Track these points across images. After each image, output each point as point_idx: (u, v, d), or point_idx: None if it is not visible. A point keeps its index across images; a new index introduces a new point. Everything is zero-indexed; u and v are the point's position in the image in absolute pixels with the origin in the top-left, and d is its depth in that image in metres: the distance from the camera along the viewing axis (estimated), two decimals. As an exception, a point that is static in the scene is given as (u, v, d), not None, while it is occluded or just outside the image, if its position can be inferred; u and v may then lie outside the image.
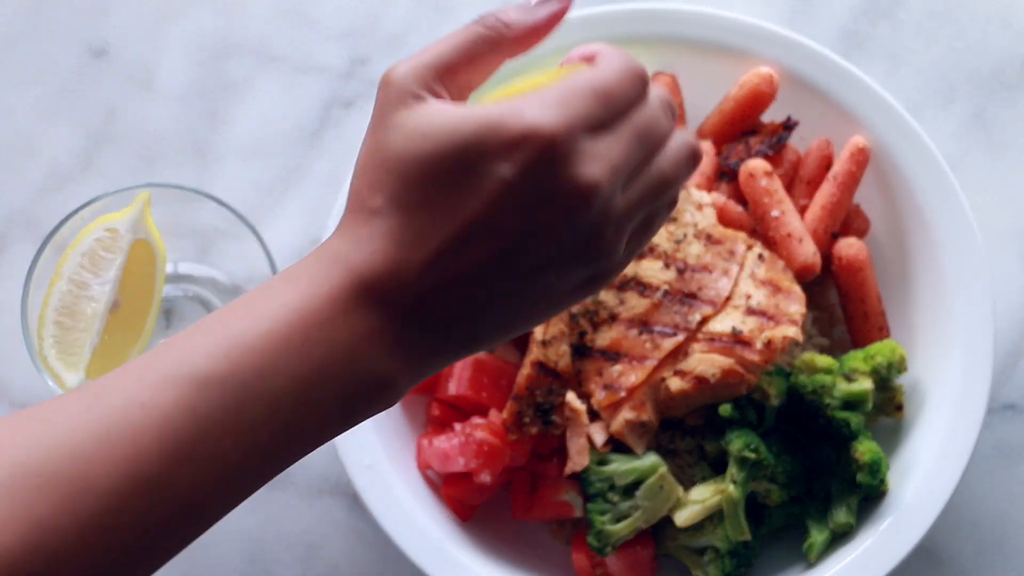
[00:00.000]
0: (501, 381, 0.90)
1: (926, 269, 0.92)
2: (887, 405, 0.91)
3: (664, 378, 0.88)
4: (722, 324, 0.88)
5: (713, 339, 0.88)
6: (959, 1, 1.01)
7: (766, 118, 0.95)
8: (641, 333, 0.88)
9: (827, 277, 0.94)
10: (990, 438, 0.96)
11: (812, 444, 0.90)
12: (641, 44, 0.92)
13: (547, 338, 0.88)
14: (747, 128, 0.95)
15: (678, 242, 0.89)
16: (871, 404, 0.89)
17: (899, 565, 0.87)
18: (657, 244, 0.89)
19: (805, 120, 0.94)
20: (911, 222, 0.92)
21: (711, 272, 0.89)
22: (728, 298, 0.89)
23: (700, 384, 0.87)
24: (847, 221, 0.94)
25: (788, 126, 0.94)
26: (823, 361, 0.89)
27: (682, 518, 0.87)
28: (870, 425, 0.91)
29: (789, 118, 0.94)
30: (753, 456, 0.86)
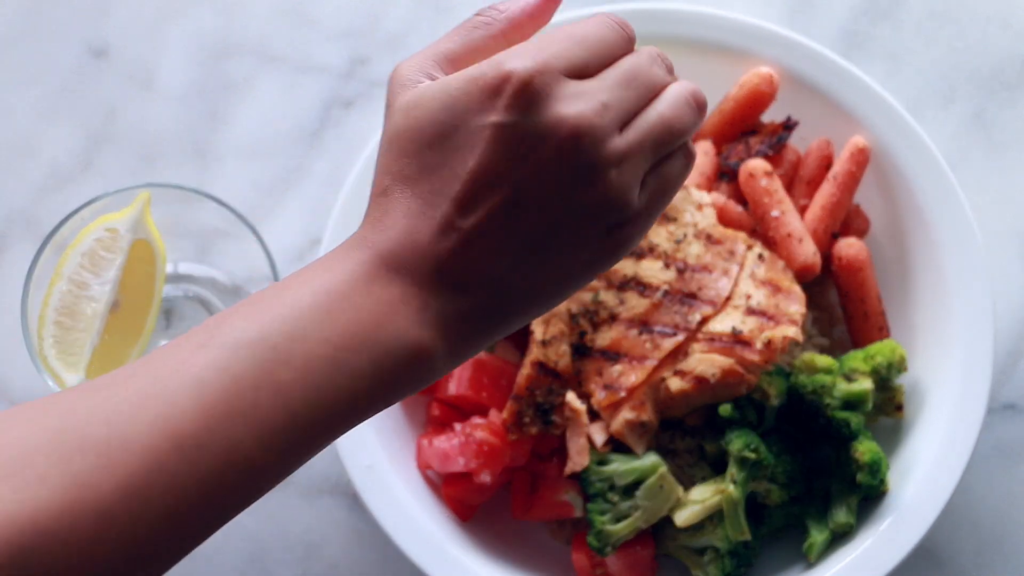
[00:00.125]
0: (501, 381, 0.90)
1: (926, 269, 0.92)
2: (887, 405, 0.91)
3: (664, 378, 0.88)
4: (722, 324, 0.88)
5: (713, 339, 0.88)
6: (959, 1, 1.01)
7: (766, 118, 0.95)
8: (641, 333, 0.88)
9: (827, 277, 0.94)
10: (990, 438, 0.96)
11: (812, 444, 0.90)
12: (641, 44, 0.92)
13: (547, 338, 0.88)
14: (747, 128, 0.95)
15: (678, 242, 0.89)
16: (871, 404, 0.89)
17: (899, 565, 0.87)
18: (657, 244, 0.89)
19: (805, 120, 0.94)
20: (911, 222, 0.92)
21: (711, 272, 0.89)
22: (728, 298, 0.89)
23: (700, 384, 0.87)
24: (847, 221, 0.94)
25: (788, 126, 0.94)
26: (823, 361, 0.89)
27: (682, 518, 0.87)
28: (870, 425, 0.91)
29: (789, 118, 0.94)
30: (753, 456, 0.86)
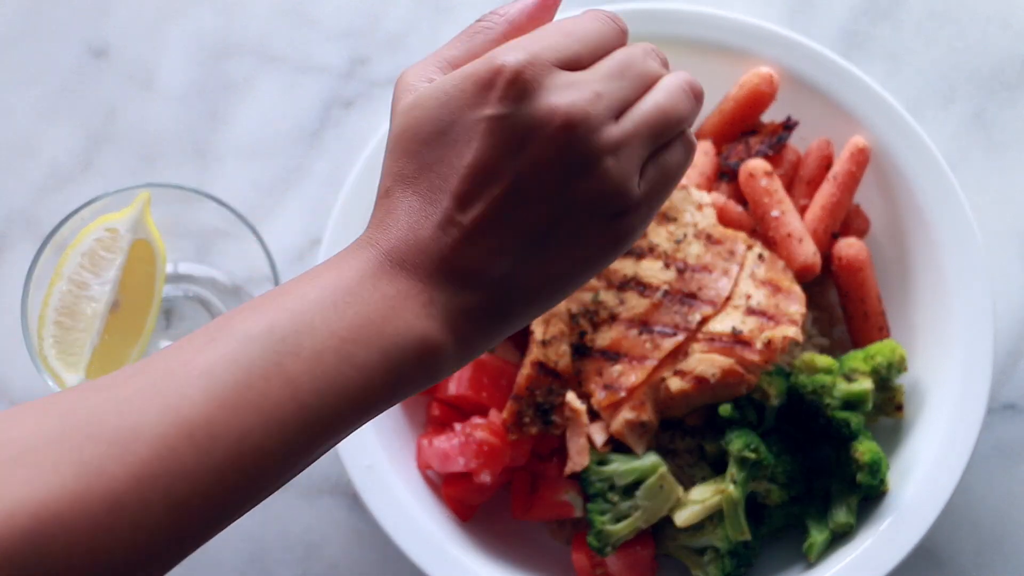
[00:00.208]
0: (501, 381, 0.90)
1: (926, 269, 0.92)
2: (887, 405, 0.91)
3: (664, 378, 0.88)
4: (722, 324, 0.88)
5: (713, 339, 0.88)
6: (959, 1, 1.01)
7: (766, 118, 0.95)
8: (641, 333, 0.88)
9: (827, 277, 0.94)
10: (990, 438, 0.96)
11: (812, 444, 0.90)
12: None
13: (547, 338, 0.88)
14: (747, 128, 0.95)
15: (678, 242, 0.89)
16: (871, 404, 0.89)
17: (899, 565, 0.87)
18: (657, 244, 0.89)
19: (805, 120, 0.94)
20: (911, 222, 0.92)
21: (711, 272, 0.89)
22: (728, 298, 0.89)
23: (700, 384, 0.87)
24: (847, 221, 0.94)
25: (788, 126, 0.94)
26: (823, 361, 0.89)
27: (682, 518, 0.87)
28: (870, 425, 0.91)
29: (789, 118, 0.94)
30: (753, 456, 0.86)
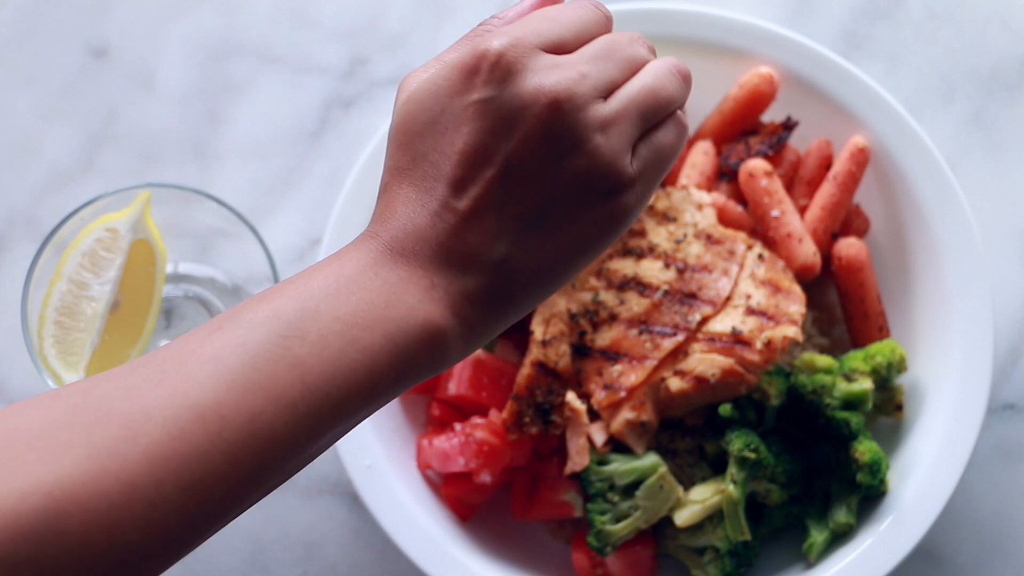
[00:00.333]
0: (501, 381, 0.90)
1: (926, 269, 0.92)
2: (887, 405, 0.91)
3: (664, 378, 0.88)
4: (722, 324, 0.88)
5: (713, 339, 0.88)
6: (958, 1, 1.01)
7: (766, 118, 0.95)
8: (641, 333, 0.88)
9: (827, 277, 0.94)
10: (990, 438, 0.96)
11: (812, 444, 0.90)
12: (641, 44, 0.92)
13: (547, 338, 0.88)
14: (747, 128, 0.95)
15: (678, 242, 0.89)
16: (871, 404, 0.89)
17: (899, 565, 0.87)
18: (657, 244, 0.89)
19: (805, 120, 0.94)
20: (911, 222, 0.92)
21: (711, 272, 0.89)
22: (728, 298, 0.89)
23: (700, 384, 0.87)
24: (847, 221, 0.94)
25: (788, 126, 0.94)
26: (823, 361, 0.89)
27: (682, 518, 0.87)
28: (870, 425, 0.91)
29: (789, 118, 0.94)
30: (753, 456, 0.86)
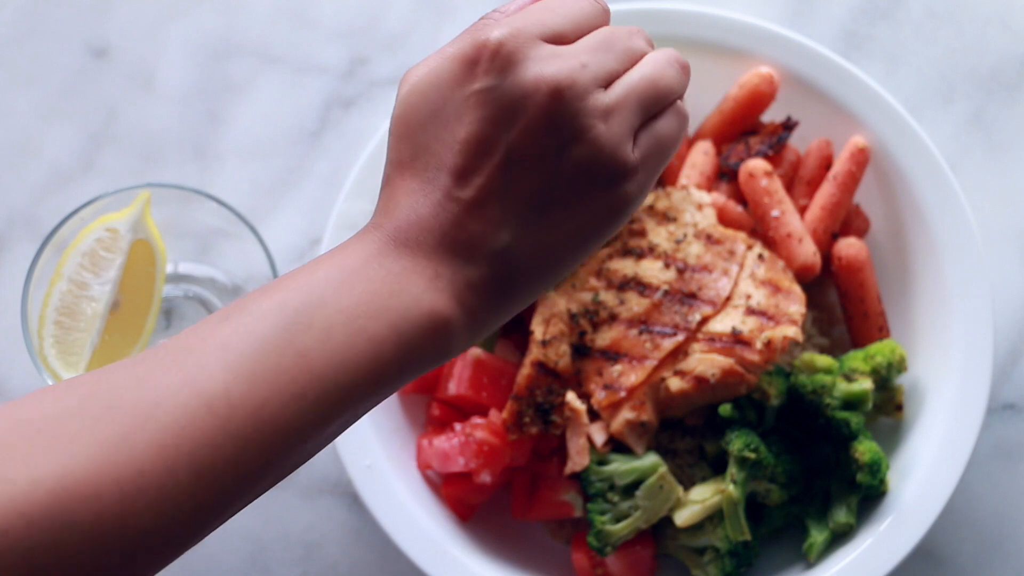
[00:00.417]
0: (501, 381, 0.90)
1: (926, 269, 0.92)
2: (887, 405, 0.91)
3: (664, 378, 0.88)
4: (722, 324, 0.88)
5: (713, 339, 0.88)
6: (958, 1, 1.01)
7: (766, 118, 0.95)
8: (641, 333, 0.88)
9: (827, 277, 0.94)
10: (990, 438, 0.96)
11: (812, 444, 0.90)
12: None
13: (547, 338, 0.88)
14: (747, 128, 0.95)
15: (678, 242, 0.89)
16: (871, 404, 0.89)
17: (899, 565, 0.87)
18: (657, 244, 0.89)
19: (805, 120, 0.94)
20: (911, 222, 0.92)
21: (711, 272, 0.89)
22: (728, 298, 0.89)
23: (700, 384, 0.87)
24: (847, 221, 0.94)
25: (788, 126, 0.94)
26: (823, 361, 0.89)
27: (682, 518, 0.87)
28: (870, 425, 0.91)
29: (789, 118, 0.94)
30: (753, 456, 0.86)
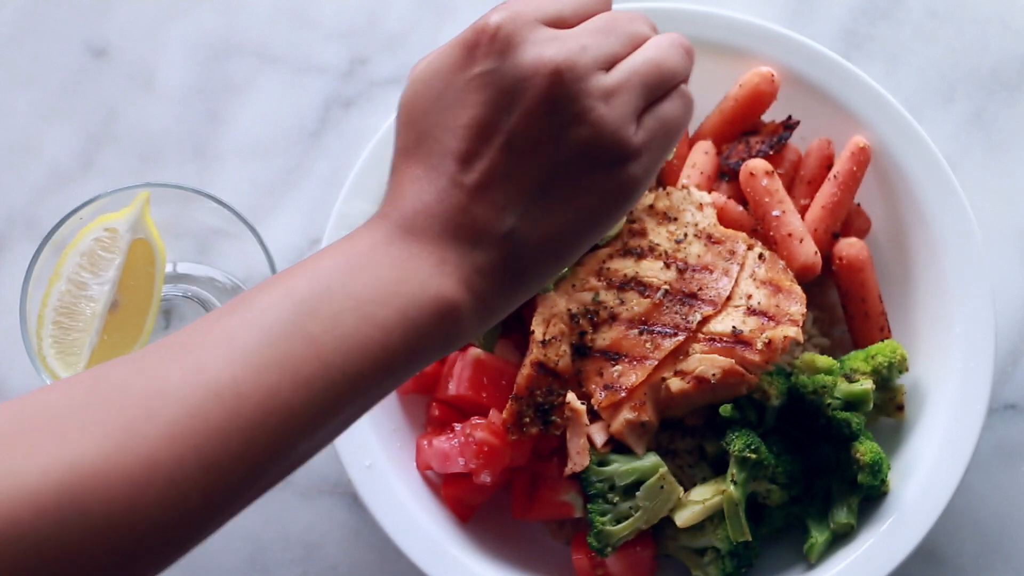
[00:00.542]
0: (501, 381, 0.90)
1: (927, 269, 0.92)
2: (888, 405, 0.91)
3: (664, 378, 0.87)
4: (722, 324, 0.88)
5: (713, 339, 0.88)
6: (959, 1, 1.01)
7: (766, 118, 0.95)
8: (641, 333, 0.88)
9: (828, 277, 0.94)
10: (990, 438, 0.96)
11: (812, 444, 0.90)
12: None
13: (547, 338, 0.88)
14: (747, 128, 0.95)
15: (678, 242, 0.89)
16: (872, 404, 0.89)
17: (900, 565, 0.87)
18: (657, 244, 0.89)
19: (805, 120, 0.94)
20: (912, 222, 0.92)
21: (711, 272, 0.89)
22: (728, 298, 0.89)
23: (700, 384, 0.87)
24: (848, 221, 0.94)
25: (789, 126, 0.94)
26: (824, 361, 0.89)
27: (682, 518, 0.87)
28: (871, 425, 0.91)
29: (790, 118, 0.94)
30: (753, 456, 0.86)
